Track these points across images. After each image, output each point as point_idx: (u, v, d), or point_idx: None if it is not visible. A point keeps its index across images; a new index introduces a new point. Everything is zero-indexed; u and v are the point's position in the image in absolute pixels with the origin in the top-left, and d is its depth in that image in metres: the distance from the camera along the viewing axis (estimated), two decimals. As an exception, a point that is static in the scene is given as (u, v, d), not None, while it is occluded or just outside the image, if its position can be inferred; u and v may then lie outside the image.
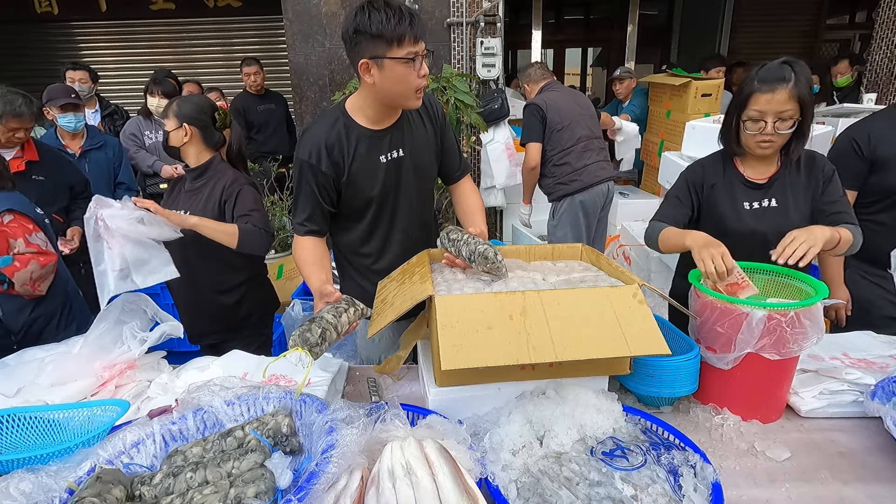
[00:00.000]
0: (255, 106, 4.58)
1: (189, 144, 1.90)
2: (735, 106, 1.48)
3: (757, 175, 1.57)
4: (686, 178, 1.64)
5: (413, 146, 1.57)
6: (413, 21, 1.31)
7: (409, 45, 1.32)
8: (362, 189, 1.54)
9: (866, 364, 1.38)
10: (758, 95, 1.41)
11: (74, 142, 3.01)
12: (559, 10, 8.43)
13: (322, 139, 1.48)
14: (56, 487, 0.87)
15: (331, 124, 1.50)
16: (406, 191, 1.60)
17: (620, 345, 1.07)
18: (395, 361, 1.42)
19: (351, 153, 1.50)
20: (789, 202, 1.54)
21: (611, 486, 0.94)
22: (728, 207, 1.56)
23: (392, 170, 1.55)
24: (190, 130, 1.88)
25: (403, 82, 1.37)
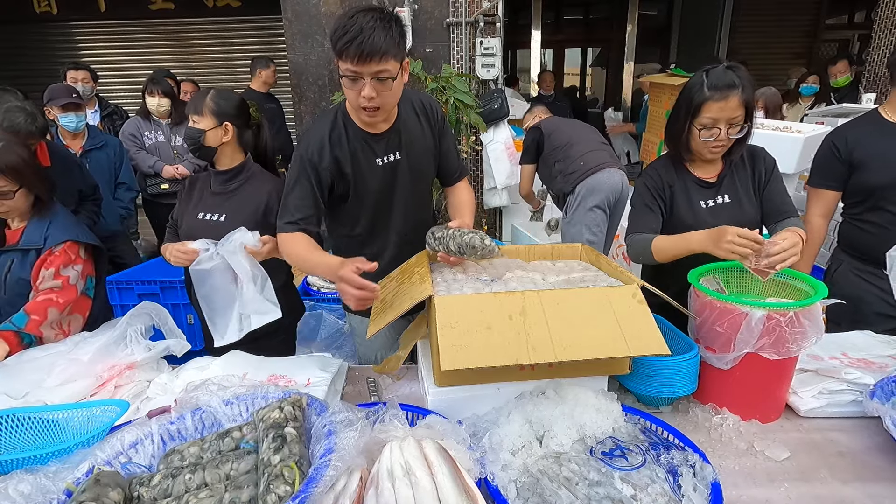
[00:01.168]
0: (263, 105, 4.56)
1: (226, 145, 1.74)
2: (685, 113, 1.50)
3: (706, 174, 1.61)
4: (646, 184, 1.64)
5: (410, 149, 1.57)
6: (360, 42, 1.26)
7: (348, 62, 1.30)
8: (359, 191, 1.54)
9: (865, 364, 1.38)
10: (710, 103, 1.44)
11: (75, 142, 3.01)
12: (558, 10, 8.44)
13: (325, 137, 1.48)
14: (54, 489, 0.87)
15: (331, 123, 1.50)
16: (402, 193, 1.60)
17: (620, 345, 1.08)
18: (394, 361, 1.42)
19: (349, 154, 1.50)
20: (741, 197, 1.60)
21: (610, 486, 0.94)
22: (686, 208, 1.59)
23: (388, 173, 1.55)
24: (231, 129, 1.72)
25: (348, 94, 1.39)
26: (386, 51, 1.29)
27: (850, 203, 1.88)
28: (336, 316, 2.80)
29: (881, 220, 1.78)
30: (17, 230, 1.75)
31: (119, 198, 3.20)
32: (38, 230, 1.74)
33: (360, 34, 1.26)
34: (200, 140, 1.71)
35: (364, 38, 1.26)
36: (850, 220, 1.90)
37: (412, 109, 1.58)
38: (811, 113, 3.70)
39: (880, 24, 4.11)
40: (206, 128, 1.71)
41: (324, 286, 3.12)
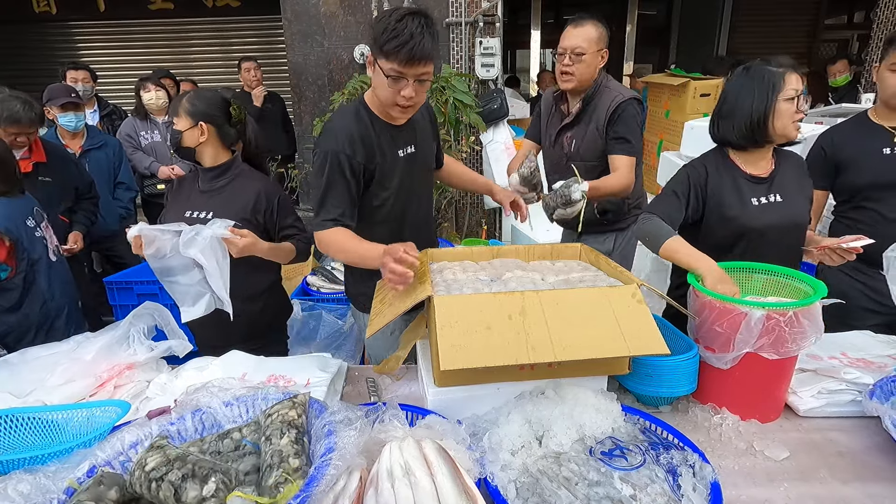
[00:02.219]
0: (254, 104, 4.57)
1: (205, 144, 1.73)
2: (769, 91, 1.48)
3: (757, 170, 1.58)
4: (688, 174, 1.63)
5: (421, 142, 1.65)
6: (410, 46, 1.33)
7: (394, 63, 1.36)
8: (382, 184, 1.57)
9: (864, 363, 1.38)
10: (790, 75, 1.47)
11: (74, 141, 3.01)
12: (558, 10, 8.43)
13: (353, 130, 1.50)
14: (54, 489, 0.87)
15: (356, 116, 1.53)
16: (416, 186, 1.66)
17: (619, 345, 1.08)
18: (394, 361, 1.42)
19: (376, 146, 1.53)
20: (793, 196, 1.58)
21: (610, 486, 0.95)
22: (737, 204, 1.55)
23: (407, 165, 1.61)
24: (206, 129, 1.71)
25: (383, 91, 1.43)
26: (431, 56, 1.38)
27: (838, 202, 1.98)
28: (335, 316, 2.80)
29: (865, 218, 1.85)
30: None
31: (118, 198, 3.20)
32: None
33: (411, 39, 1.32)
34: (179, 141, 1.73)
35: (415, 44, 1.33)
36: (838, 217, 1.98)
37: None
38: (810, 113, 3.70)
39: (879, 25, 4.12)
40: (183, 129, 1.72)
41: (323, 286, 3.12)
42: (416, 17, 1.35)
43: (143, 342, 1.47)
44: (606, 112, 1.96)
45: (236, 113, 1.78)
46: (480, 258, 1.55)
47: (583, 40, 1.87)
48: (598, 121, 1.99)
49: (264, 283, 1.85)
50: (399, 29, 1.32)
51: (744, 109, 1.53)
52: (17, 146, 2.33)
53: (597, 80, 2.01)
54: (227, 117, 1.77)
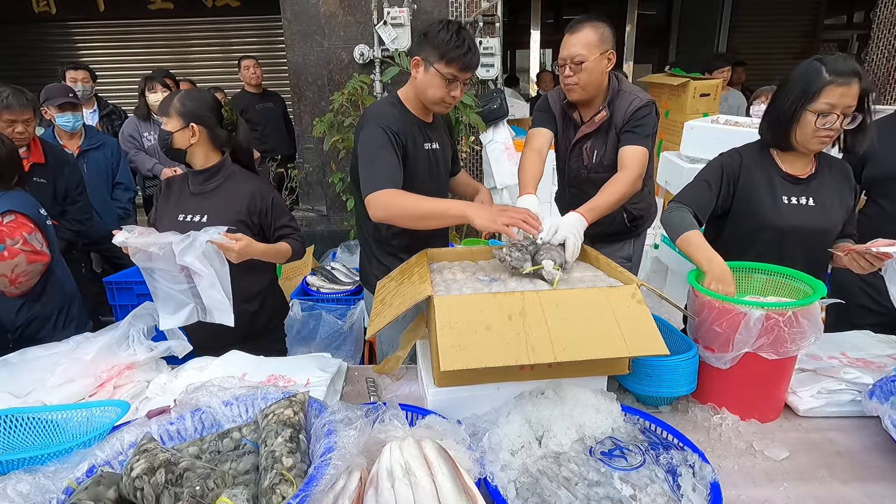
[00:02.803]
0: (254, 104, 4.58)
1: (196, 145, 1.70)
2: (799, 98, 1.41)
3: (796, 170, 1.53)
4: (722, 164, 1.57)
5: (441, 141, 1.79)
6: (469, 58, 1.56)
7: (454, 68, 1.56)
8: (410, 173, 1.64)
9: (864, 363, 1.38)
10: (832, 88, 1.36)
11: (72, 142, 3.00)
12: (558, 10, 8.43)
13: (391, 115, 1.64)
14: (53, 489, 0.87)
15: (393, 106, 1.68)
16: (437, 180, 1.78)
17: (619, 345, 1.08)
18: (393, 361, 1.42)
19: (409, 133, 1.65)
20: (826, 203, 1.52)
21: (609, 486, 0.94)
22: (768, 201, 1.51)
23: (432, 159, 1.74)
24: (197, 130, 1.68)
25: (437, 90, 1.60)
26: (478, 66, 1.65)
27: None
28: (335, 316, 2.80)
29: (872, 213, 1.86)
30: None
31: (117, 198, 3.19)
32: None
33: (469, 51, 1.55)
34: (169, 141, 1.70)
35: (474, 55, 1.57)
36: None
37: None
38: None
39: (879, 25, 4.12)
40: (174, 129, 1.68)
41: (323, 286, 3.12)
42: (465, 30, 1.57)
43: (143, 342, 1.47)
44: (625, 116, 1.87)
45: (228, 114, 1.76)
46: (480, 258, 1.55)
47: (582, 47, 1.77)
48: (617, 127, 1.90)
49: (261, 284, 1.84)
50: (461, 39, 1.53)
51: (775, 106, 1.48)
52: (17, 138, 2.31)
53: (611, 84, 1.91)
54: (219, 118, 1.74)
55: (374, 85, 3.99)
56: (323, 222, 4.50)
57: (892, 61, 3.98)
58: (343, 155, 3.79)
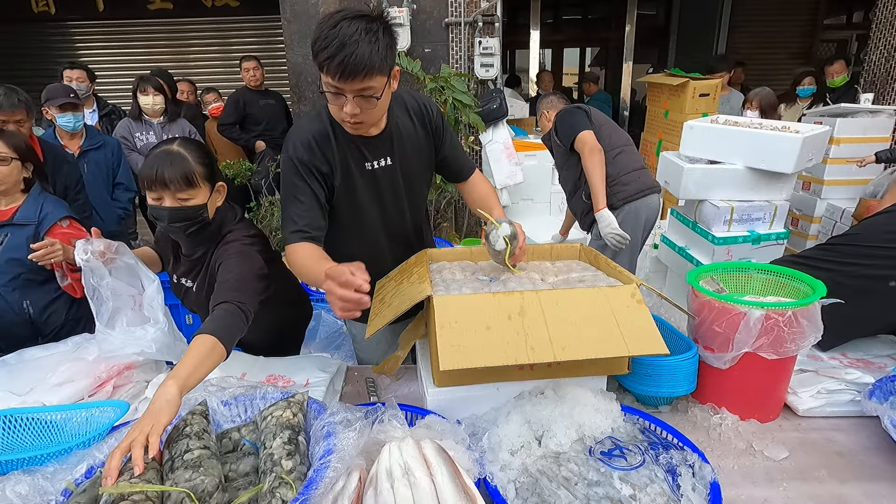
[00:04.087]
0: (257, 100, 4.54)
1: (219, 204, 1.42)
2: None
3: None
4: None
5: (403, 153, 1.48)
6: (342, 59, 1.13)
7: (329, 77, 1.18)
8: (349, 196, 1.44)
9: (864, 364, 1.38)
10: None
11: (73, 142, 2.99)
12: (557, 10, 8.44)
13: (310, 133, 1.37)
14: (52, 489, 0.87)
15: (317, 120, 1.40)
16: (393, 197, 1.50)
17: (619, 344, 1.08)
18: (393, 361, 1.42)
19: (339, 158, 1.39)
20: None
21: (609, 486, 0.94)
22: None
23: (379, 177, 1.45)
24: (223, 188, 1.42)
25: (332, 107, 1.29)
26: (371, 67, 1.16)
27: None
28: (335, 316, 2.79)
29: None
30: (8, 209, 1.75)
31: (117, 198, 3.19)
32: (32, 208, 1.75)
33: (341, 50, 1.13)
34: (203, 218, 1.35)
35: (346, 55, 1.13)
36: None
37: (406, 112, 1.49)
38: (809, 113, 3.70)
39: (878, 25, 4.12)
40: (206, 200, 1.34)
41: (322, 286, 3.11)
42: (354, 21, 1.15)
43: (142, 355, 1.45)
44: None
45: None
46: (480, 258, 1.55)
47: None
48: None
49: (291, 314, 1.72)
50: (330, 38, 1.13)
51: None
52: None
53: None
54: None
55: (374, 85, 3.98)
56: (322, 222, 4.49)
57: (892, 61, 3.98)
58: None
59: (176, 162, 1.29)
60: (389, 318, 1.22)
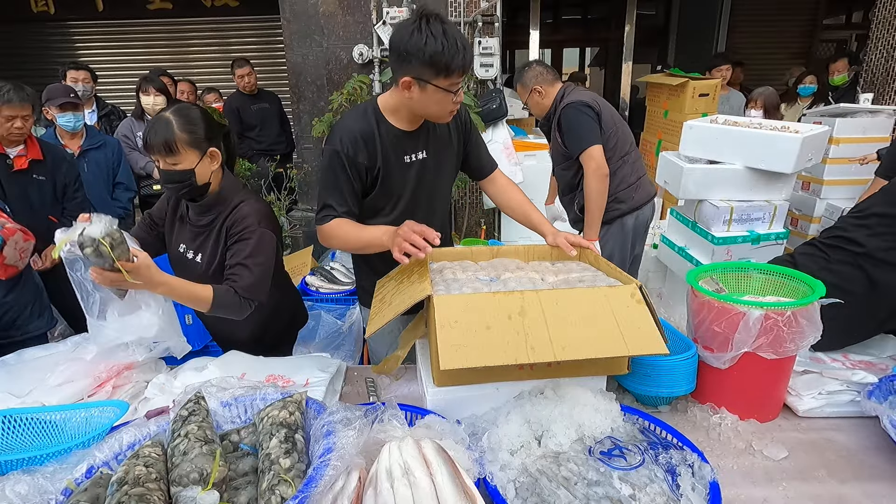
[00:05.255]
0: (249, 105, 4.59)
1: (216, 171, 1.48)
2: None
3: None
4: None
5: (435, 147, 1.60)
6: (466, 56, 1.34)
7: (456, 77, 1.36)
8: (388, 187, 1.55)
9: (866, 365, 1.38)
10: None
11: (73, 141, 3.00)
12: (557, 10, 8.43)
13: (357, 131, 1.49)
14: (52, 489, 0.86)
15: (363, 118, 1.51)
16: (427, 191, 1.63)
17: (618, 345, 1.08)
18: (392, 361, 1.42)
19: (381, 151, 1.51)
20: None
21: (609, 486, 0.94)
22: None
23: (415, 170, 1.58)
24: (217, 154, 1.46)
25: (440, 105, 1.42)
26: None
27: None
28: (335, 316, 2.80)
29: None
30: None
31: (117, 198, 3.19)
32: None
33: (466, 49, 1.34)
34: (191, 182, 1.41)
35: (467, 52, 1.35)
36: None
37: None
38: (809, 113, 3.70)
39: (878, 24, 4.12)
40: (192, 165, 1.40)
41: (322, 286, 3.12)
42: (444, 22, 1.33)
43: (142, 343, 1.46)
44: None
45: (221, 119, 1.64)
46: (480, 258, 1.55)
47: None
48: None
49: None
50: (452, 44, 1.31)
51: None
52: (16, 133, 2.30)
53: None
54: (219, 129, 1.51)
55: (374, 85, 3.98)
56: (322, 222, 4.50)
57: (891, 61, 3.98)
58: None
59: (160, 130, 1.38)
60: (389, 318, 1.23)
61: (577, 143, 2.40)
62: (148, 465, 0.86)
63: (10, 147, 2.33)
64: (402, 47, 1.34)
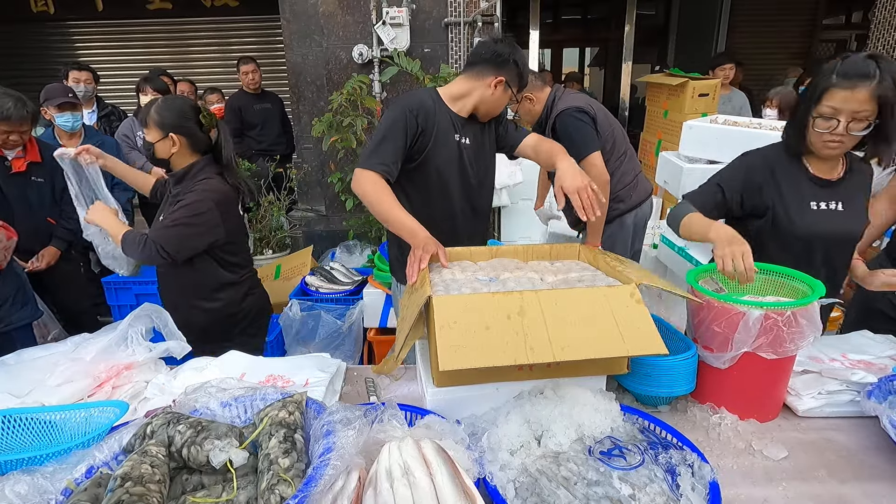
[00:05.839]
0: (252, 105, 4.59)
1: (178, 154, 1.76)
2: (807, 99, 1.35)
3: (825, 173, 1.44)
4: (746, 168, 1.48)
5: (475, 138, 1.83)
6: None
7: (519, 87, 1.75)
8: (436, 160, 1.72)
9: (865, 365, 1.38)
10: (834, 91, 1.29)
11: (72, 142, 2.99)
12: (557, 10, 8.44)
13: (424, 101, 1.70)
14: (52, 489, 0.86)
15: (428, 95, 1.74)
16: (464, 174, 1.80)
17: (618, 344, 1.08)
18: (392, 362, 1.42)
19: (437, 123, 1.71)
20: (855, 206, 1.45)
21: (608, 486, 0.94)
22: (794, 206, 1.43)
23: (464, 151, 1.78)
24: (177, 140, 1.73)
25: (500, 106, 1.79)
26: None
27: None
28: (334, 316, 2.80)
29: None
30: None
31: (116, 198, 3.18)
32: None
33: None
34: (151, 153, 1.77)
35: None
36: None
37: None
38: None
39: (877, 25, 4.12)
40: (154, 140, 1.74)
41: (322, 286, 3.12)
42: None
43: (142, 342, 1.46)
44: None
45: (206, 120, 1.78)
46: (479, 258, 1.55)
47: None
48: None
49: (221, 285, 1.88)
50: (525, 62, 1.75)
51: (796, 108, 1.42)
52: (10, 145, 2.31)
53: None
54: (198, 124, 1.76)
55: (374, 85, 3.98)
56: (322, 222, 4.50)
57: (891, 61, 3.97)
58: (342, 155, 3.79)
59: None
60: (406, 331, 1.23)
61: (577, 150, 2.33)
62: (154, 465, 0.85)
63: (8, 149, 2.34)
64: (508, 54, 1.69)
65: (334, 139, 3.58)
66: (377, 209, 1.57)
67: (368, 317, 2.87)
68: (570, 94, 2.50)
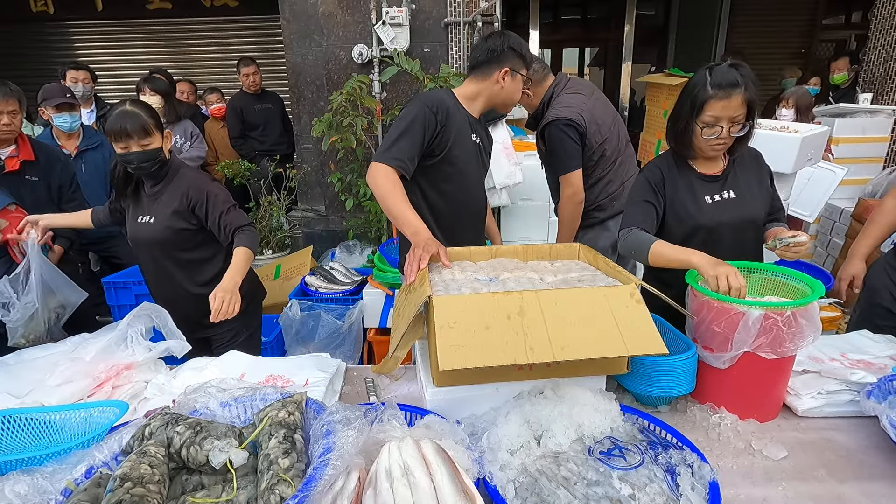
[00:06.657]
0: (253, 105, 4.59)
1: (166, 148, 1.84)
2: (689, 111, 1.50)
3: (710, 170, 1.61)
4: (648, 179, 1.63)
5: (483, 137, 1.91)
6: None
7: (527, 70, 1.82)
8: (456, 156, 1.77)
9: (865, 365, 1.38)
10: (713, 102, 1.45)
11: (70, 142, 2.99)
12: (556, 10, 8.43)
13: (443, 99, 1.74)
14: (52, 489, 0.86)
15: (447, 94, 1.80)
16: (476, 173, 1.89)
17: (618, 344, 1.08)
18: (392, 362, 1.42)
19: (457, 123, 1.76)
20: (746, 193, 1.60)
21: (608, 486, 0.94)
22: (691, 202, 1.59)
23: (477, 149, 1.87)
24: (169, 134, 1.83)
25: (517, 93, 1.83)
26: None
27: None
28: (334, 316, 2.80)
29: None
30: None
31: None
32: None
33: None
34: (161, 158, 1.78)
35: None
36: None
37: None
38: (810, 113, 3.70)
39: (877, 25, 4.13)
40: (160, 144, 1.78)
41: (322, 286, 3.12)
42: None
43: (142, 342, 1.46)
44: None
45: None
46: (479, 258, 1.55)
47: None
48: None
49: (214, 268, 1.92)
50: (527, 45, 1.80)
51: (674, 117, 1.56)
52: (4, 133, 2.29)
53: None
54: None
55: (373, 85, 3.98)
56: (322, 222, 4.50)
57: (890, 61, 3.98)
58: (342, 155, 3.78)
59: (134, 118, 1.72)
60: (403, 329, 1.23)
61: (559, 165, 2.33)
62: (153, 465, 0.85)
63: (0, 147, 2.32)
64: (505, 47, 1.73)
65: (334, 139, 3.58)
66: (386, 203, 1.59)
67: (368, 317, 2.87)
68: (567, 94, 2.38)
